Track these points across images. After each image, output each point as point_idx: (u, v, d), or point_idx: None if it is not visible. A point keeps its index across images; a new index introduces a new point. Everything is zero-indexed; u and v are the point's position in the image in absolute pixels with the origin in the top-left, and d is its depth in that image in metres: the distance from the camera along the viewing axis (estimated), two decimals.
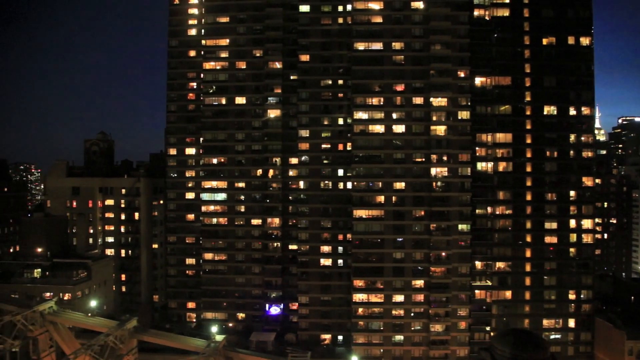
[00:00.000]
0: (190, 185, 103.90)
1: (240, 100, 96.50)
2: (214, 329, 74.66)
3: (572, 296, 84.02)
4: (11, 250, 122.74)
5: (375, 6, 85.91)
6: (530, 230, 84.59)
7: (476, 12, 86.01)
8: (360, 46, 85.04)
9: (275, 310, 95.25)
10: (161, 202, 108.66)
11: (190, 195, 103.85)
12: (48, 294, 79.90)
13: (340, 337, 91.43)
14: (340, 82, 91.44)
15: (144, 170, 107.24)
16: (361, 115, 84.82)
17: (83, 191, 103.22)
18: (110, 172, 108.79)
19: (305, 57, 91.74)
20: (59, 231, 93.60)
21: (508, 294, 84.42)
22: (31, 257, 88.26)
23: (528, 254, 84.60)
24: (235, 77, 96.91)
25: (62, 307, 50.24)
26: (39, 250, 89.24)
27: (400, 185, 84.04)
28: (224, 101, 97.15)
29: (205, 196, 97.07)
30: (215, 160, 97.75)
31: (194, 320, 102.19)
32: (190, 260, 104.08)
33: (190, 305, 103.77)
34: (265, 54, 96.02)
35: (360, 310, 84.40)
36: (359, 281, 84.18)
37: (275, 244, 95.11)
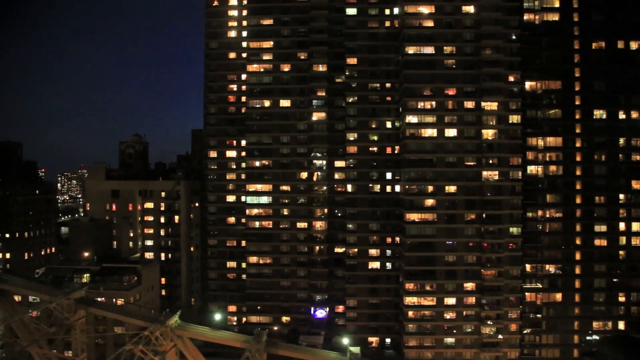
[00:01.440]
0: (231, 188, 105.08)
1: (285, 103, 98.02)
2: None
3: (621, 299, 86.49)
4: (43, 252, 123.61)
5: (426, 10, 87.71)
6: (580, 233, 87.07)
7: (526, 17, 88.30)
8: (412, 50, 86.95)
9: (321, 313, 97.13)
10: (196, 204, 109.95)
11: (231, 198, 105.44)
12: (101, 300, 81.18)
13: (387, 340, 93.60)
14: (388, 85, 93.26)
15: (182, 172, 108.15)
16: (413, 118, 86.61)
17: (123, 194, 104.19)
18: (147, 174, 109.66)
19: (352, 60, 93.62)
20: (104, 235, 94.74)
21: (558, 296, 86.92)
22: (78, 262, 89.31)
23: (578, 256, 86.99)
24: (280, 79, 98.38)
25: None
26: (86, 254, 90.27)
27: (451, 188, 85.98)
28: (268, 104, 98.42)
29: (249, 199, 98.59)
30: (257, 163, 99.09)
31: (235, 323, 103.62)
32: (231, 264, 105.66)
33: (231, 308, 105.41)
34: (310, 57, 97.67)
35: (411, 313, 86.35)
36: (411, 284, 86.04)
37: (320, 247, 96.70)
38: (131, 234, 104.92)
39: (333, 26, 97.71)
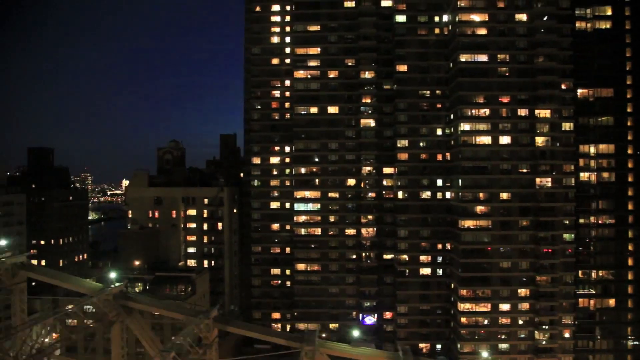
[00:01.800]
0: (275, 194, 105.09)
1: (332, 109, 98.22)
2: None
3: None
4: (76, 259, 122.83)
5: (477, 18, 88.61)
6: (632, 239, 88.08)
7: (578, 25, 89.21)
8: (465, 58, 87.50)
9: (370, 320, 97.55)
10: (234, 211, 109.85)
11: (275, 205, 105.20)
12: None
13: (438, 346, 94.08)
14: (438, 92, 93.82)
15: (223, 179, 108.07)
16: (467, 126, 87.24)
17: (166, 201, 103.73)
18: (188, 181, 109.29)
19: (402, 68, 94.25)
20: (153, 243, 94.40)
21: (611, 301, 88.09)
22: (129, 271, 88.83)
23: (630, 262, 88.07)
24: (327, 86, 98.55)
25: None
26: (137, 263, 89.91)
27: (505, 195, 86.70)
28: (315, 110, 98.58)
29: (298, 206, 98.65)
30: (303, 170, 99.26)
31: (279, 330, 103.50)
32: (275, 271, 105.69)
33: (275, 315, 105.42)
34: (358, 63, 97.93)
35: (464, 319, 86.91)
36: (466, 290, 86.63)
37: (369, 254, 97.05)
38: (174, 242, 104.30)
39: (380, 33, 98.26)
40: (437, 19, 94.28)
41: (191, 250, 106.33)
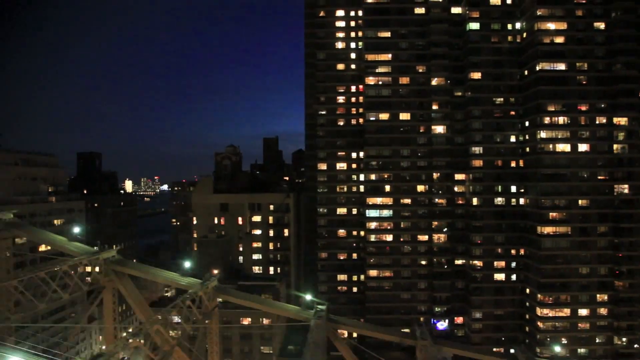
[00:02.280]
0: (342, 200, 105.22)
1: (404, 116, 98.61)
2: None
3: None
4: None
5: (553, 26, 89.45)
6: None
7: None
8: (544, 66, 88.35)
9: (442, 325, 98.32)
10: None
11: (341, 211, 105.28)
12: (248, 320, 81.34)
13: (512, 351, 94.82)
14: (512, 99, 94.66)
15: (287, 185, 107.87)
16: (545, 134, 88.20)
17: (232, 208, 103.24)
18: (252, 187, 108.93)
19: (476, 75, 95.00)
20: (228, 251, 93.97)
21: None
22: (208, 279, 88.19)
23: None
24: (398, 92, 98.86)
25: None
26: (215, 271, 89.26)
27: (584, 202, 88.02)
28: (386, 117, 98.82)
29: (369, 213, 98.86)
30: (374, 176, 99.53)
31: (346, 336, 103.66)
32: (341, 277, 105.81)
33: None
34: (429, 70, 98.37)
35: (542, 324, 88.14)
36: (544, 295, 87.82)
37: (442, 260, 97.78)
38: (240, 248, 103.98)
39: (450, 39, 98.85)
40: (509, 26, 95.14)
41: (256, 257, 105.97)
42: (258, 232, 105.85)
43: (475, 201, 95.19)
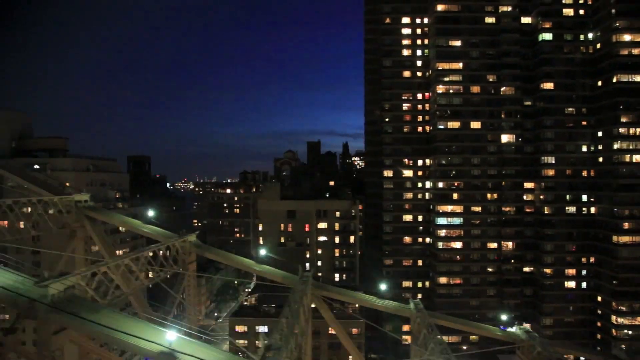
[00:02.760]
0: (408, 207, 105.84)
1: (475, 124, 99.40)
2: None
3: None
4: None
5: (628, 37, 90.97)
6: None
7: None
8: (621, 78, 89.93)
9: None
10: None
11: (407, 218, 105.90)
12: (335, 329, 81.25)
13: (582, 359, 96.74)
14: (584, 110, 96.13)
15: (350, 191, 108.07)
16: (621, 144, 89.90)
17: (299, 214, 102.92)
18: (316, 192, 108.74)
19: (548, 85, 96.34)
20: (303, 259, 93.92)
21: None
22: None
23: None
24: (469, 101, 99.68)
25: None
26: None
27: None
28: (457, 125, 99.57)
29: (439, 220, 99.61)
30: (441, 184, 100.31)
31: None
32: (406, 283, 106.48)
33: (405, 327, 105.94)
34: (499, 79, 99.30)
35: (615, 331, 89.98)
36: (619, 304, 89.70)
37: (510, 267, 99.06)
38: (307, 255, 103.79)
39: (520, 49, 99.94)
40: (582, 37, 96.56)
41: (318, 263, 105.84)
42: (323, 238, 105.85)
43: (547, 210, 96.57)
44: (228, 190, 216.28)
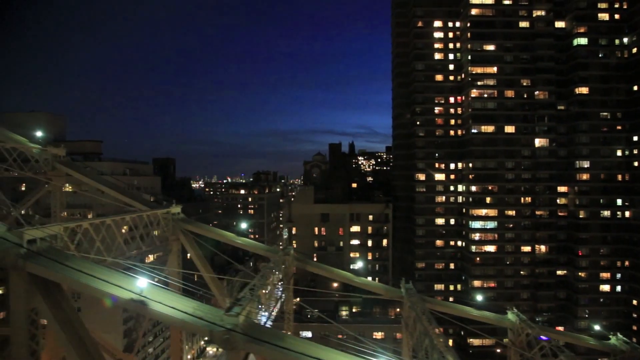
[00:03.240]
0: (440, 211, 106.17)
1: (509, 129, 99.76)
2: None
3: None
4: None
5: None
6: None
7: None
8: None
9: (545, 335, 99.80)
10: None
11: (439, 221, 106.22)
12: (379, 334, 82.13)
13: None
14: (619, 114, 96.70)
15: (382, 193, 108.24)
16: None
17: (332, 218, 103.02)
18: (349, 195, 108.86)
19: (583, 90, 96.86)
20: (342, 263, 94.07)
21: None
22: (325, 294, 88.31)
23: None
24: (503, 105, 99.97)
25: None
26: (335, 285, 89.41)
27: None
28: (491, 129, 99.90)
29: (473, 224, 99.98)
30: (474, 188, 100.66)
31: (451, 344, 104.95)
32: (438, 286, 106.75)
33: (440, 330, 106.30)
34: (533, 84, 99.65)
35: None
36: None
37: (544, 271, 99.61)
38: (346, 259, 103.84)
39: (553, 53, 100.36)
40: (617, 41, 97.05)
41: (353, 267, 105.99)
42: (356, 242, 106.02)
43: (581, 214, 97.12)
44: (242, 191, 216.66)
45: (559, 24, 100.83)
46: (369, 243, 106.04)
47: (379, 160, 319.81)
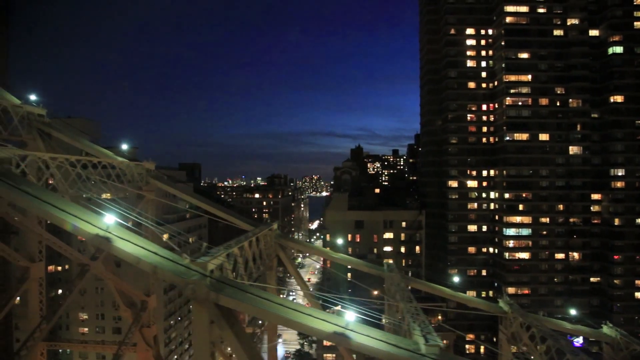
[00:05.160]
0: (472, 218, 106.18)
1: (543, 136, 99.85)
2: None
3: None
4: None
5: None
6: None
7: None
8: None
9: (577, 342, 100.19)
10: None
11: (471, 228, 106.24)
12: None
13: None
14: None
15: (417, 201, 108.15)
16: None
17: (367, 225, 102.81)
18: (378, 201, 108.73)
19: (618, 98, 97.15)
20: None
21: None
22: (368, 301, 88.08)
23: None
24: (537, 113, 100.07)
25: None
26: (375, 292, 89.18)
27: None
28: (525, 137, 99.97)
29: (507, 231, 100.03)
30: (508, 195, 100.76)
31: (471, 352, 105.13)
32: (470, 293, 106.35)
33: (470, 336, 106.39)
34: (567, 92, 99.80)
35: None
36: None
37: (577, 278, 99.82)
38: None
39: (587, 61, 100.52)
40: None
41: None
42: (389, 249, 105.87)
43: (616, 221, 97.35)
44: (257, 195, 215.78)
45: (593, 32, 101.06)
46: (402, 249, 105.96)
47: (386, 163, 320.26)
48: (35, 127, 40.59)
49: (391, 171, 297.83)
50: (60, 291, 79.23)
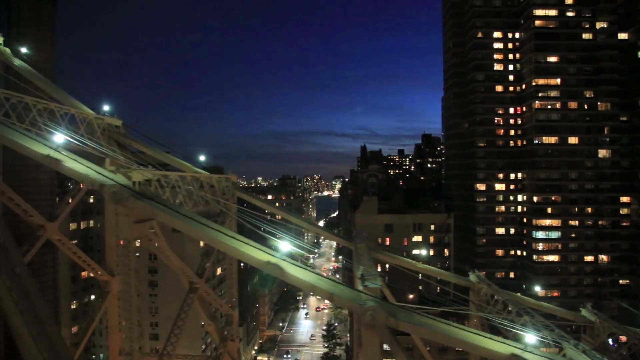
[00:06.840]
0: (499, 220, 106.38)
1: (572, 140, 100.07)
2: None
3: None
4: None
5: None
6: None
7: None
8: None
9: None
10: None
11: (499, 231, 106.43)
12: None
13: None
14: None
15: (444, 204, 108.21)
16: None
17: (396, 228, 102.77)
18: (408, 205, 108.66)
19: None
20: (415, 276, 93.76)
21: None
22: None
23: None
24: (567, 116, 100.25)
25: None
26: (411, 296, 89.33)
27: None
28: (554, 140, 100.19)
29: (537, 234, 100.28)
30: (536, 198, 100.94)
31: None
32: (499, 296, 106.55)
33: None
34: (596, 95, 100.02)
35: None
36: None
37: (606, 280, 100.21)
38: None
39: (614, 64, 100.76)
40: None
41: (420, 276, 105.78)
42: (417, 252, 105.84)
43: None
44: (269, 196, 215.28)
45: (622, 36, 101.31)
46: (431, 252, 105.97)
47: (392, 163, 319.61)
48: (114, 138, 40.45)
49: (397, 171, 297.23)
50: (92, 297, 79.33)
